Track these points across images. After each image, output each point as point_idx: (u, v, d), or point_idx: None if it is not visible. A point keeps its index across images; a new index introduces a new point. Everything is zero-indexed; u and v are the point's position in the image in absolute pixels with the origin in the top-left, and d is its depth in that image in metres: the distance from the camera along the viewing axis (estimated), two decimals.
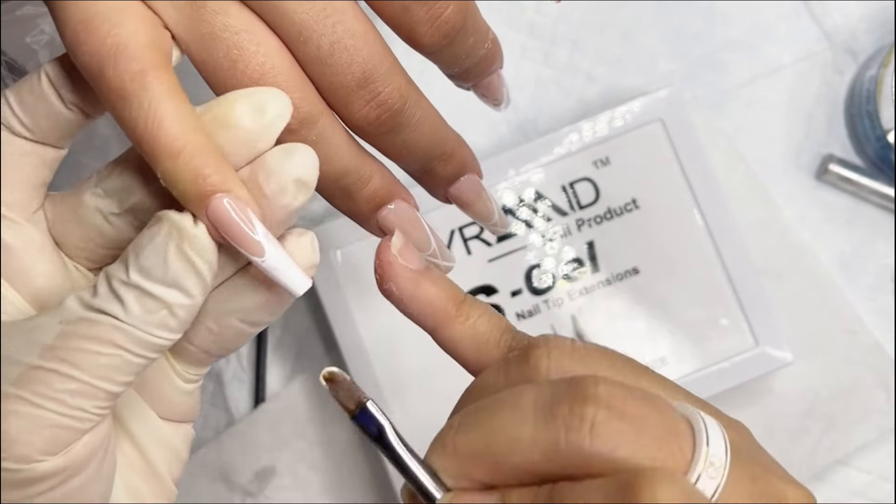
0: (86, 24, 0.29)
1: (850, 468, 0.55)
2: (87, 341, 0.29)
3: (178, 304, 0.29)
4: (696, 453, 0.25)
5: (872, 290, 0.57)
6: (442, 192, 0.38)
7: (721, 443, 0.26)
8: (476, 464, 0.27)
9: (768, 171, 0.57)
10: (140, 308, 0.29)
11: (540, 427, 0.26)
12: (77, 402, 0.29)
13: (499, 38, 0.37)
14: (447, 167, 0.36)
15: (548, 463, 0.26)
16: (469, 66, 0.36)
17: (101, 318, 0.29)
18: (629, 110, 0.54)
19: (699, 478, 0.25)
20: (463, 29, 0.33)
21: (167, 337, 0.29)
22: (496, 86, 0.38)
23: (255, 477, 0.54)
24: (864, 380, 0.55)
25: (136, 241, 0.29)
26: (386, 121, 0.33)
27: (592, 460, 0.25)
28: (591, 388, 0.25)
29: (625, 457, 0.25)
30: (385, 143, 0.34)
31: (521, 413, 0.26)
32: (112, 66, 0.29)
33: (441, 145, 0.36)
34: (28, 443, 0.28)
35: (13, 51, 0.44)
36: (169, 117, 0.29)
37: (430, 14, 0.32)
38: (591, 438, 0.25)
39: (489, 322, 0.31)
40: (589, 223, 0.53)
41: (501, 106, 0.39)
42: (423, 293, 0.31)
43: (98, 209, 0.33)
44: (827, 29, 0.58)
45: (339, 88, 0.32)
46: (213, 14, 0.31)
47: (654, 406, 0.26)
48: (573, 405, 0.25)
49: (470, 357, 0.31)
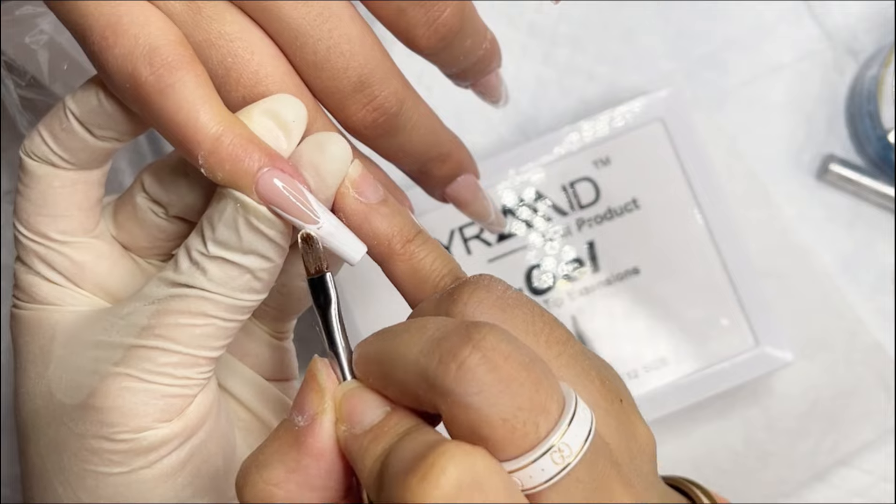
0: (114, 27, 0.30)
1: (851, 468, 0.55)
2: (179, 315, 0.31)
3: (260, 268, 0.31)
4: (549, 434, 0.25)
5: (873, 290, 0.56)
6: (439, 192, 0.38)
7: (583, 434, 0.25)
8: (375, 369, 0.28)
9: (769, 171, 0.57)
10: (223, 275, 0.30)
11: (423, 353, 0.26)
12: (181, 372, 0.31)
13: (499, 37, 0.37)
14: (444, 168, 0.37)
15: (420, 389, 0.26)
16: (467, 66, 0.36)
17: (189, 292, 0.31)
18: (630, 110, 0.53)
19: (541, 458, 0.25)
20: (460, 31, 0.34)
21: (254, 299, 0.31)
22: (494, 84, 0.38)
23: None
24: (864, 380, 0.55)
25: (207, 214, 0.31)
26: (382, 124, 0.33)
27: (449, 399, 0.25)
28: (478, 333, 0.25)
29: (478, 406, 0.25)
30: (382, 146, 0.34)
31: (416, 338, 0.27)
32: (147, 64, 0.29)
33: (437, 147, 0.36)
34: (144, 414, 0.31)
35: (12, 50, 0.44)
36: (206, 105, 0.30)
37: (427, 16, 0.33)
38: (454, 376, 0.25)
39: (433, 262, 0.31)
40: (589, 223, 0.53)
41: (500, 104, 0.39)
42: (369, 227, 0.31)
43: (151, 209, 0.34)
44: (828, 28, 0.58)
45: (336, 92, 0.32)
46: (209, 21, 0.31)
47: (532, 373, 0.25)
48: (455, 343, 0.25)
49: (408, 293, 0.32)
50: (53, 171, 0.33)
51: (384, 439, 0.27)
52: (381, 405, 0.28)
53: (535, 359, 0.26)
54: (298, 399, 0.28)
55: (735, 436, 0.55)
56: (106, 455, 0.31)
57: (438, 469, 0.24)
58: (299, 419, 0.28)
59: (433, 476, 0.24)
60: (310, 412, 0.28)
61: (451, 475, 0.24)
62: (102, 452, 0.31)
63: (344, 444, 0.27)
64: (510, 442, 0.25)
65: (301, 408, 0.28)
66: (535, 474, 0.25)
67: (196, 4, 0.31)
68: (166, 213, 0.34)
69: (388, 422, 0.27)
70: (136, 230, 0.35)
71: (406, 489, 0.24)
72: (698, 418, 0.54)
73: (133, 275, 0.35)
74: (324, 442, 0.27)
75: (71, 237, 0.33)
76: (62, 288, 0.34)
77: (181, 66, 0.30)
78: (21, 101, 0.45)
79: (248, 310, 0.32)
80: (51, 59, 0.44)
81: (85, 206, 0.34)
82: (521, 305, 0.29)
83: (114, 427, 0.31)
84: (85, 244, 0.34)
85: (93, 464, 0.31)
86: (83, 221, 0.34)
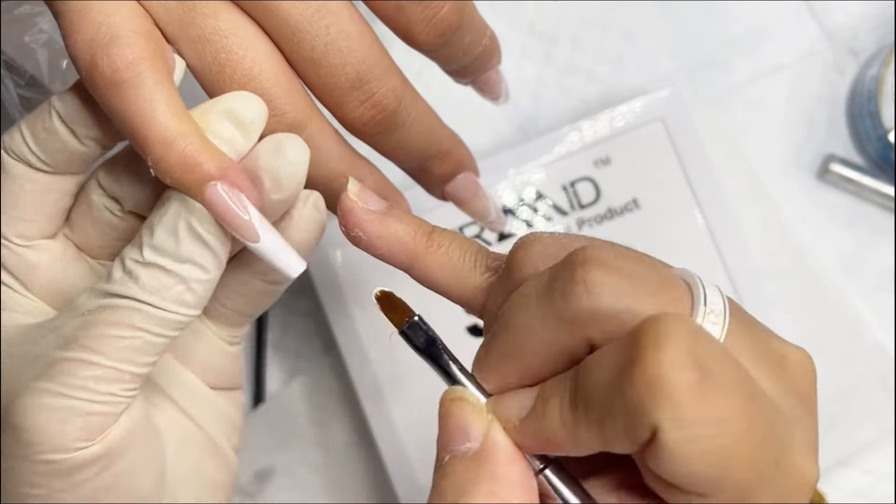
0: (81, 13, 0.29)
1: (852, 469, 0.55)
2: (106, 327, 0.29)
3: (194, 279, 0.29)
4: (695, 300, 0.25)
5: (874, 290, 0.56)
6: (438, 190, 0.38)
7: (718, 295, 0.26)
8: (506, 367, 0.27)
9: (769, 171, 0.57)
10: (156, 284, 0.29)
11: (543, 305, 0.25)
12: (104, 387, 0.29)
13: (499, 37, 0.37)
14: (443, 166, 0.37)
15: (562, 337, 0.25)
16: (466, 63, 0.36)
17: (119, 302, 0.29)
18: (630, 110, 0.53)
19: (703, 322, 0.25)
20: (459, 27, 0.34)
21: (185, 313, 0.30)
22: (494, 81, 0.38)
23: (255, 477, 0.54)
24: (865, 380, 0.55)
25: (147, 222, 0.30)
26: (380, 121, 0.33)
27: (598, 319, 0.25)
28: (579, 254, 0.25)
29: (626, 306, 0.25)
30: (380, 143, 0.34)
31: (525, 303, 0.26)
32: (105, 54, 0.29)
33: (437, 144, 0.36)
34: (63, 433, 0.29)
35: (12, 50, 0.44)
36: (162, 106, 0.29)
37: (425, 13, 0.33)
38: (588, 296, 0.25)
39: (461, 247, 0.30)
40: (590, 223, 0.53)
41: (500, 101, 0.39)
42: (390, 231, 0.30)
43: (106, 207, 0.33)
44: (828, 28, 0.58)
45: (334, 89, 0.32)
46: (204, 17, 0.31)
47: (646, 263, 0.26)
48: (565, 273, 0.25)
49: (451, 285, 0.30)
50: (28, 171, 0.32)
51: (555, 389, 0.26)
52: (529, 389, 0.27)
53: (633, 251, 0.26)
54: (453, 430, 0.27)
55: None
56: (26, 476, 0.30)
57: (664, 330, 0.23)
58: (468, 445, 0.27)
59: (663, 337, 0.23)
60: (477, 432, 0.27)
61: (681, 329, 0.23)
62: (22, 473, 0.30)
63: (521, 437, 0.26)
64: None
65: (464, 434, 0.27)
66: None
67: (192, 2, 0.31)
68: (122, 210, 0.33)
69: (547, 383, 0.26)
70: (90, 229, 0.34)
71: (644, 363, 0.23)
72: None
73: (84, 278, 0.34)
74: (509, 446, 0.26)
75: (28, 241, 0.33)
76: (12, 291, 0.33)
77: (140, 61, 0.29)
78: (20, 101, 0.45)
79: (178, 326, 0.30)
80: (50, 58, 0.44)
81: (51, 214, 0.33)
82: (576, 236, 0.29)
83: (32, 447, 0.29)
84: (41, 245, 0.33)
85: (15, 484, 0.30)
86: (45, 228, 0.33)
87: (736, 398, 0.23)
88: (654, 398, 0.23)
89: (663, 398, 0.23)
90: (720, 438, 0.23)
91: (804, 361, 0.27)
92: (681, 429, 0.23)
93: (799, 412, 0.26)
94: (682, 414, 0.23)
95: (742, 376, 0.24)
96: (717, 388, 0.23)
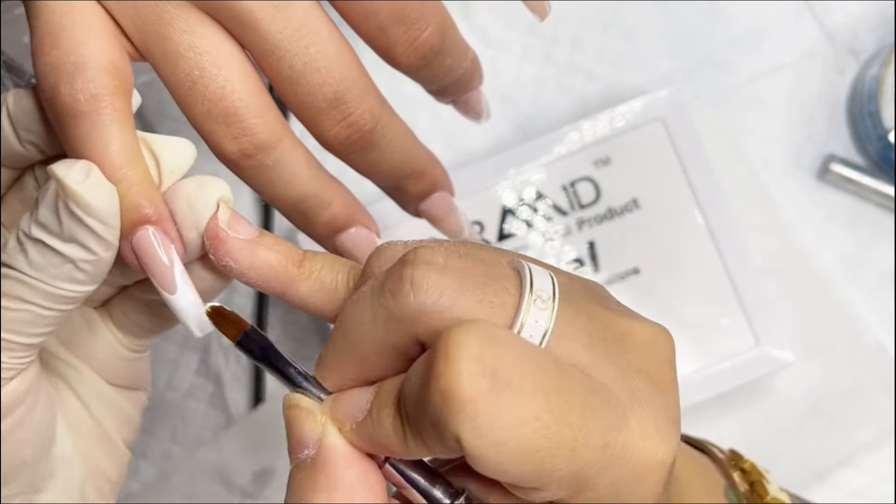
0: (53, 35, 0.29)
1: (852, 469, 0.55)
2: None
3: (82, 259, 0.29)
4: (522, 288, 0.25)
5: (874, 291, 0.56)
6: (413, 207, 0.38)
7: (548, 281, 0.26)
8: (343, 365, 0.27)
9: (769, 171, 0.57)
10: (43, 262, 0.29)
11: (375, 304, 0.26)
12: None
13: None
14: (418, 185, 0.37)
15: (392, 336, 0.26)
16: (448, 84, 0.36)
17: (10, 273, 0.29)
18: (630, 109, 0.53)
19: (528, 310, 0.25)
20: (441, 50, 0.34)
21: (76, 290, 0.29)
22: (475, 101, 0.39)
23: (254, 478, 0.54)
24: (865, 380, 0.55)
25: (38, 194, 0.29)
26: (356, 140, 0.33)
27: (423, 317, 0.25)
28: (410, 255, 0.26)
29: (450, 303, 0.25)
30: (356, 161, 0.35)
31: (360, 301, 0.26)
32: (68, 83, 0.29)
33: (412, 164, 0.36)
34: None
35: (12, 50, 0.44)
36: (114, 146, 0.29)
37: (407, 35, 0.33)
38: (413, 294, 0.25)
39: (332, 269, 0.30)
40: (590, 223, 0.53)
41: (481, 120, 0.40)
42: (260, 260, 0.30)
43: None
44: (828, 28, 0.58)
45: (311, 108, 0.32)
46: (181, 33, 0.31)
47: (474, 257, 0.26)
48: (395, 276, 0.25)
49: (325, 308, 0.30)
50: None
51: (389, 396, 0.26)
52: (366, 389, 0.27)
53: (467, 248, 0.27)
54: (293, 440, 0.27)
55: (735, 436, 0.54)
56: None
57: (454, 342, 0.23)
58: (306, 453, 0.27)
59: (453, 349, 0.23)
60: (313, 438, 0.27)
61: (470, 340, 0.24)
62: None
63: (358, 440, 0.27)
64: (495, 314, 0.25)
65: (301, 443, 0.27)
66: (534, 330, 0.25)
67: (169, 16, 0.31)
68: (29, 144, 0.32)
69: (382, 388, 0.27)
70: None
71: (436, 377, 0.23)
72: (698, 418, 0.54)
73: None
74: (344, 449, 0.27)
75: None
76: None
77: (101, 98, 0.29)
78: None
79: (72, 300, 0.30)
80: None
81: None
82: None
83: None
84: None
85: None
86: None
87: (536, 398, 0.23)
88: (450, 411, 0.23)
89: (458, 410, 0.23)
90: (522, 439, 0.23)
91: (654, 339, 0.27)
92: (480, 437, 0.23)
93: (644, 392, 0.26)
94: (478, 423, 0.23)
95: (544, 373, 0.24)
96: (512, 391, 0.23)
